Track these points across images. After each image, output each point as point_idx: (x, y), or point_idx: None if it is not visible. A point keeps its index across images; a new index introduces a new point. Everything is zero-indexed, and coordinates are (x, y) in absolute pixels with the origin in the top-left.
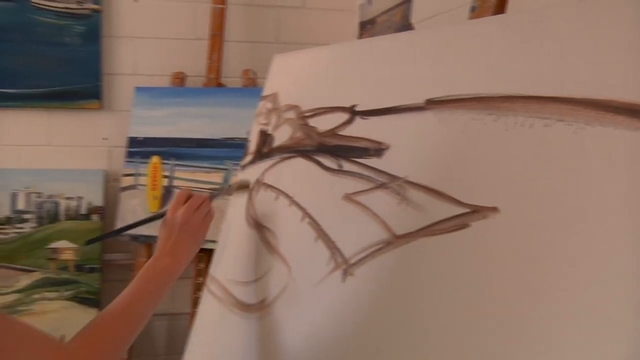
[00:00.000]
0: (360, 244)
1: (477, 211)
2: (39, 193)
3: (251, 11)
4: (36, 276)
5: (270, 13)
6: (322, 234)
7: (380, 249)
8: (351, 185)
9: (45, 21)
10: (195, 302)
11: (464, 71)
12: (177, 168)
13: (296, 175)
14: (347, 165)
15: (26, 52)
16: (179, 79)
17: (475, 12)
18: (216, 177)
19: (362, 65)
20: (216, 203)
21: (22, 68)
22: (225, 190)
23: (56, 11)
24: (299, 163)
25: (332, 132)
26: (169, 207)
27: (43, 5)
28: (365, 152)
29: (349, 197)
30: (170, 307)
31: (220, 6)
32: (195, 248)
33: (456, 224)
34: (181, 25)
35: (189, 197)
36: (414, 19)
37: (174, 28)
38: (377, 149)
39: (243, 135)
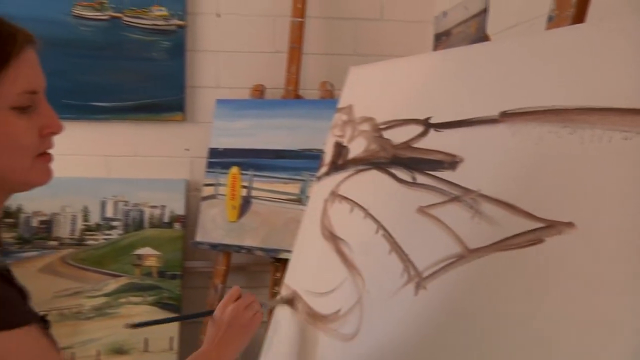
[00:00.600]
0: (432, 258)
1: (552, 226)
2: (125, 201)
3: (329, 24)
4: (122, 281)
5: (348, 25)
6: (395, 247)
7: (452, 262)
8: (425, 198)
9: (134, 38)
10: (271, 311)
11: (539, 82)
12: (255, 178)
13: (371, 187)
14: (421, 178)
15: (117, 68)
16: (259, 91)
17: (553, 22)
18: (293, 188)
19: (436, 77)
20: (291, 214)
21: (112, 83)
22: (273, 301)
23: (145, 28)
24: (374, 175)
25: (407, 145)
26: (219, 304)
27: (133, 23)
28: (439, 164)
29: (422, 210)
30: None
31: (299, 19)
32: (242, 345)
33: (530, 239)
34: (261, 38)
35: (239, 296)
36: (489, 30)
37: (254, 42)
38: (451, 162)
39: (320, 147)
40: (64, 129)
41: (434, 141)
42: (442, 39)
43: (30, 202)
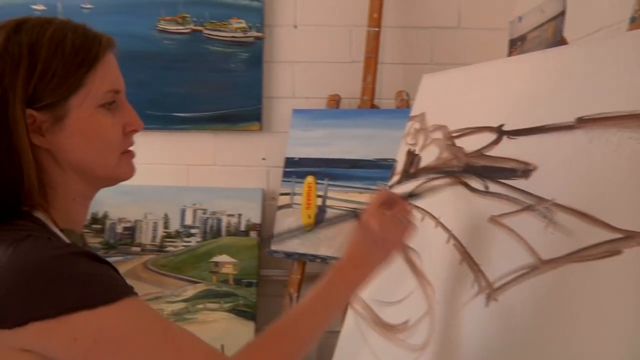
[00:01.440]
0: (504, 268)
1: (630, 237)
2: (204, 209)
3: (405, 33)
4: (200, 287)
5: (424, 34)
6: (466, 257)
7: (525, 273)
8: (497, 207)
9: (214, 50)
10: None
11: (618, 87)
12: (330, 188)
13: (443, 196)
14: (493, 187)
15: (197, 79)
16: (335, 101)
17: (636, 22)
18: (368, 198)
19: (510, 84)
20: None
21: (193, 93)
22: (425, 189)
23: (224, 40)
24: (446, 184)
25: (479, 153)
26: (365, 210)
27: (213, 35)
28: (512, 173)
29: (494, 220)
30: None
31: (375, 29)
32: (384, 263)
33: (607, 250)
34: (337, 49)
35: (387, 200)
36: (566, 33)
37: (330, 52)
38: (525, 170)
39: (395, 157)
40: (143, 126)
41: (508, 149)
42: (517, 45)
43: (115, 209)
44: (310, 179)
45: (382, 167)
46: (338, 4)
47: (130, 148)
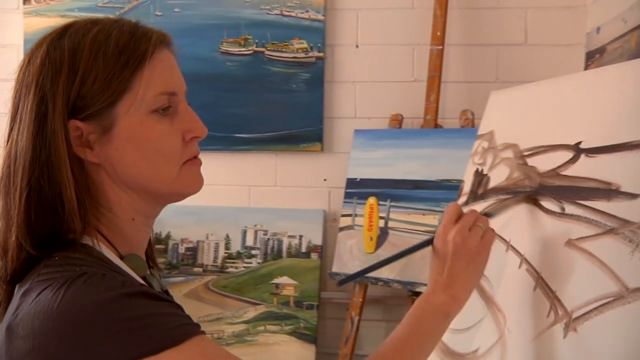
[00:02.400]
0: (585, 296)
1: None
2: (265, 231)
3: (469, 51)
4: (261, 309)
5: (489, 52)
6: (541, 283)
7: (608, 303)
8: (576, 230)
9: (276, 71)
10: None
11: None
12: (393, 209)
13: (514, 218)
14: (570, 208)
15: (259, 100)
16: (397, 120)
17: None
18: (432, 219)
19: (587, 99)
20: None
21: (254, 114)
22: (497, 208)
23: (286, 61)
24: (518, 205)
25: (554, 172)
26: (437, 230)
27: (275, 56)
28: (592, 193)
29: (572, 243)
30: None
31: (439, 47)
32: (476, 278)
33: None
34: (400, 68)
35: (459, 215)
36: None
37: (392, 71)
38: (606, 190)
39: (460, 177)
40: (207, 133)
41: (586, 168)
42: (594, 57)
43: (178, 229)
44: (372, 200)
45: (446, 188)
46: (400, 22)
47: (196, 156)
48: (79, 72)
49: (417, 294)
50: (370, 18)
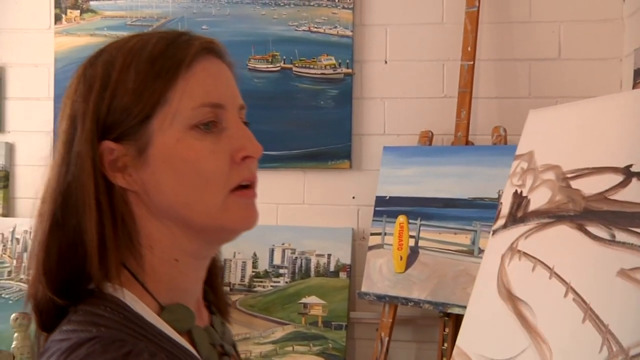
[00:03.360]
0: None
1: None
2: (293, 249)
3: (501, 66)
4: (289, 329)
5: (521, 67)
6: (591, 315)
7: None
8: (629, 259)
9: (304, 87)
10: None
11: None
12: (423, 228)
13: (558, 244)
14: (622, 236)
15: (287, 117)
16: (427, 137)
17: None
18: (464, 239)
19: (634, 120)
20: (461, 266)
21: (282, 131)
22: None
23: (314, 77)
24: (561, 230)
25: (602, 196)
26: None
27: (303, 73)
28: None
29: (626, 274)
30: None
31: (470, 63)
32: None
33: None
34: (430, 83)
35: None
36: None
37: (422, 87)
38: None
39: (492, 196)
40: (262, 152)
41: (638, 192)
42: None
43: None
44: (402, 218)
45: (478, 206)
46: (429, 38)
47: (250, 185)
48: (110, 85)
49: (449, 315)
50: (399, 33)
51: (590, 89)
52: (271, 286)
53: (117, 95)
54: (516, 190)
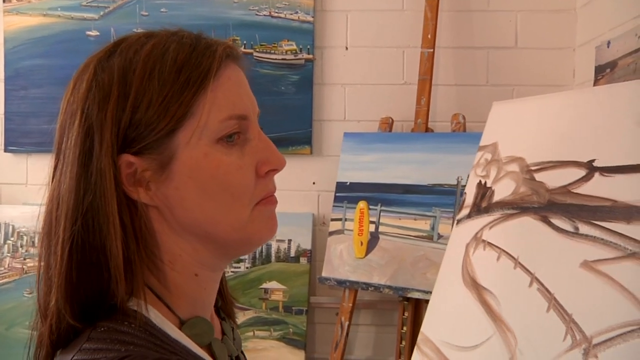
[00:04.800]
0: (605, 322)
1: None
2: None
3: (460, 53)
4: (249, 314)
5: (480, 55)
6: (555, 304)
7: (634, 331)
8: (591, 251)
9: (264, 72)
10: (399, 353)
11: None
12: (383, 214)
13: (522, 234)
14: (585, 229)
15: None
16: (387, 124)
17: None
18: (423, 225)
19: (600, 116)
20: (421, 251)
21: None
22: None
23: (274, 63)
24: (525, 221)
25: (566, 189)
26: None
27: (264, 58)
28: (609, 214)
29: (589, 265)
30: (373, 355)
31: (430, 50)
32: None
33: None
34: (390, 70)
35: None
36: None
37: (382, 74)
38: (625, 212)
39: (452, 182)
40: (285, 164)
41: (601, 187)
42: (605, 72)
43: None
44: (362, 204)
45: (437, 192)
46: (390, 24)
47: (270, 195)
48: (131, 95)
49: (408, 299)
50: (360, 20)
51: (545, 78)
52: (232, 272)
53: (140, 107)
54: (480, 181)
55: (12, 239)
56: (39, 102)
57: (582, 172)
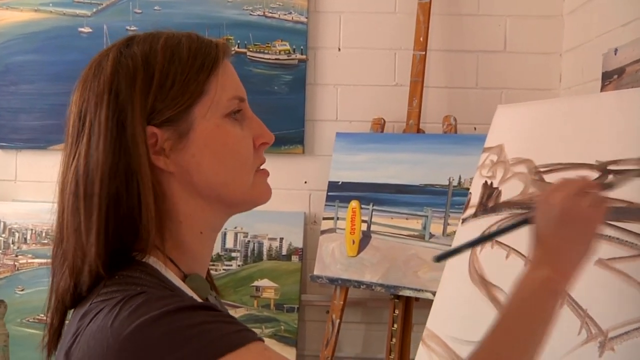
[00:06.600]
0: (621, 317)
1: None
2: (245, 233)
3: (450, 56)
4: (241, 312)
5: (470, 58)
6: (569, 300)
7: None
8: (606, 249)
9: (257, 72)
10: (389, 350)
11: None
12: (375, 213)
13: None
14: None
15: None
16: (379, 124)
17: None
18: (415, 224)
19: (608, 120)
20: (412, 250)
21: None
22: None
23: (268, 62)
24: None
25: None
26: (539, 196)
27: (257, 58)
28: (623, 214)
29: (604, 263)
30: (363, 352)
31: (422, 53)
32: (585, 247)
33: None
34: (382, 72)
35: (569, 185)
36: None
37: (375, 75)
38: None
39: (443, 182)
40: (274, 139)
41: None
42: (612, 78)
43: None
44: (354, 203)
45: (429, 192)
46: (382, 27)
47: (263, 166)
48: (155, 76)
49: (399, 297)
50: (353, 21)
51: (532, 82)
52: (223, 269)
53: (164, 85)
54: (486, 182)
55: (3, 235)
56: (30, 98)
57: (594, 174)
